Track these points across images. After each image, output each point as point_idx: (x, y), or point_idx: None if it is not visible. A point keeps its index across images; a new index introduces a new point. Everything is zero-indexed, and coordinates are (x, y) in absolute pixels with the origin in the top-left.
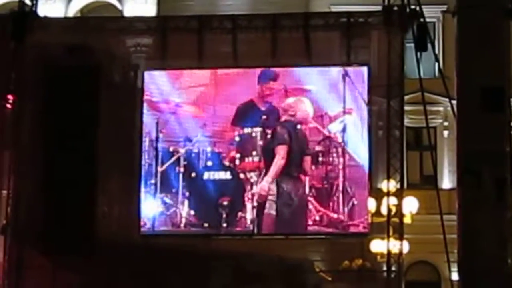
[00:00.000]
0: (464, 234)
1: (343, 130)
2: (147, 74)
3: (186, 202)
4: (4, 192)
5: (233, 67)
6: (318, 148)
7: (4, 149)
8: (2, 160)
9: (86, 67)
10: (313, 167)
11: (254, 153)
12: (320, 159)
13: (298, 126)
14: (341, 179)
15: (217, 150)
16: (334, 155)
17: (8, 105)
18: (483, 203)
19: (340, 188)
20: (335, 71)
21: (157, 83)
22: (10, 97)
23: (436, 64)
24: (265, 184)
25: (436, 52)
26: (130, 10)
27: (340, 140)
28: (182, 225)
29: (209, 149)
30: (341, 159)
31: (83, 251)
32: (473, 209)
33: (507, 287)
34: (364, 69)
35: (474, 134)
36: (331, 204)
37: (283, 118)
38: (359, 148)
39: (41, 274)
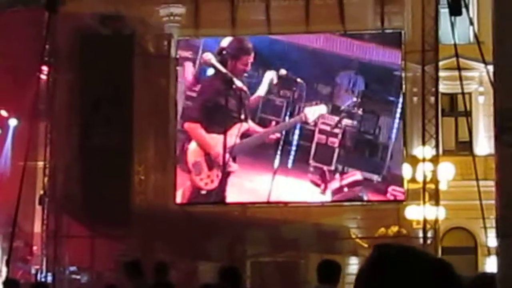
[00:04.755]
0: (502, 194)
1: None
2: None
3: None
4: (41, 163)
5: (266, 34)
6: None
7: (39, 121)
8: (38, 131)
9: (120, 36)
10: None
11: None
12: None
13: None
14: None
15: None
16: None
17: (43, 76)
18: None
19: None
20: None
21: None
22: (44, 68)
23: (471, 29)
24: None
25: (471, 16)
26: None
27: None
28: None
29: None
30: None
31: (120, 220)
32: (511, 168)
33: None
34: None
35: (511, 91)
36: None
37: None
38: None
39: (79, 243)
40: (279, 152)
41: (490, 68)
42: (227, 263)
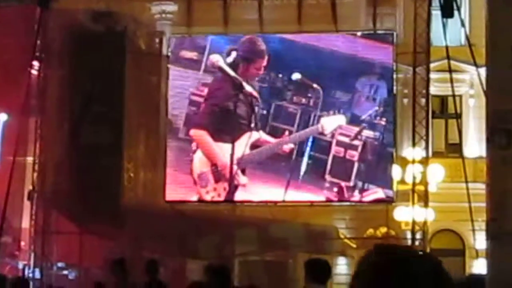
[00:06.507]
0: (493, 195)
1: None
2: None
3: None
4: (30, 158)
5: (258, 33)
6: None
7: (29, 116)
8: (28, 126)
9: (111, 33)
10: None
11: None
12: None
13: None
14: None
15: None
16: None
17: (34, 72)
18: None
19: None
20: None
21: None
22: (36, 63)
23: (462, 31)
24: None
25: (462, 18)
26: None
27: None
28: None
29: None
30: None
31: (110, 217)
32: (502, 169)
33: None
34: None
35: (504, 94)
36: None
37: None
38: None
39: (67, 239)
40: (291, 165)
41: (481, 70)
42: (215, 261)
